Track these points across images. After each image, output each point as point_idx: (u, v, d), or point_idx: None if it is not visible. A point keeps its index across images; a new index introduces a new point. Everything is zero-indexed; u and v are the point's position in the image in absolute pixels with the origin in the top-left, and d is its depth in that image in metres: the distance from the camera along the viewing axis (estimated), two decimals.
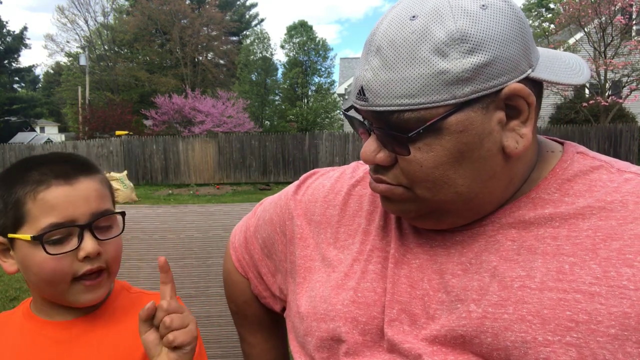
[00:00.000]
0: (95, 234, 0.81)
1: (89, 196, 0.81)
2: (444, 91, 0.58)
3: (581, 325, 0.56)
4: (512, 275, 0.62)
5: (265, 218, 0.95)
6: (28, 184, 0.79)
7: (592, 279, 0.58)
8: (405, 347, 0.66)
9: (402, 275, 0.70)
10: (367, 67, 0.63)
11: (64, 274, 0.79)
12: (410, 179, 0.64)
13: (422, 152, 0.62)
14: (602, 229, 0.61)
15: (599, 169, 0.68)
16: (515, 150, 0.62)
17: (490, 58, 0.58)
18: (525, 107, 0.62)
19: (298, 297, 0.80)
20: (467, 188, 0.63)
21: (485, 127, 0.61)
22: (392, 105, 0.60)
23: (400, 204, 0.69)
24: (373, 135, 0.66)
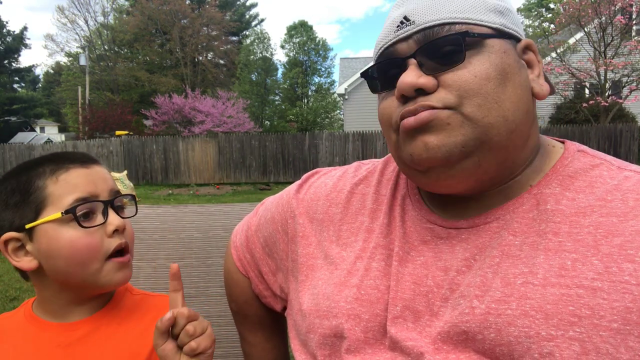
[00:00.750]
0: (119, 212, 0.84)
1: (105, 177, 0.86)
2: (487, 14, 0.67)
3: (584, 320, 0.56)
4: (514, 272, 0.62)
5: (267, 217, 0.95)
6: (46, 172, 0.81)
7: (594, 275, 0.58)
8: (408, 345, 0.66)
9: (406, 273, 0.71)
10: (408, 4, 0.69)
11: (97, 251, 0.79)
12: (461, 93, 0.63)
13: (474, 65, 0.64)
14: (603, 225, 0.61)
15: (599, 166, 0.69)
16: (541, 93, 0.69)
17: (511, 8, 0.70)
18: (536, 62, 0.71)
19: (300, 295, 0.80)
20: (512, 114, 0.65)
21: (519, 61, 0.69)
22: (444, 19, 0.65)
23: (446, 134, 0.64)
24: (411, 65, 0.66)
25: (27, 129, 36.10)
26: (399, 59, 0.68)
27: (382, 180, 0.84)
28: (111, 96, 31.52)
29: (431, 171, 0.67)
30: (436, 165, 0.66)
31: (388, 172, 0.85)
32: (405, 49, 0.68)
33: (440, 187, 0.70)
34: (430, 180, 0.69)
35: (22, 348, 0.80)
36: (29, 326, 0.83)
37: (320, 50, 31.79)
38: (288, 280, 0.88)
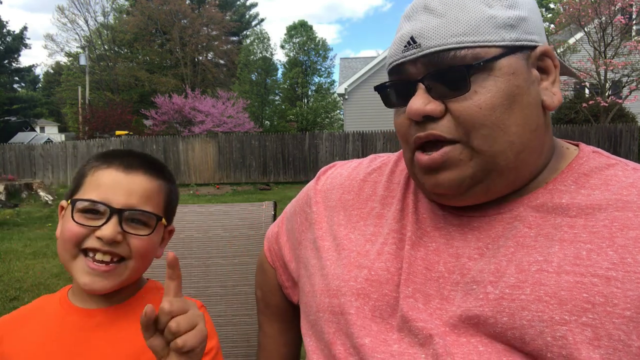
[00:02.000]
0: (124, 224, 0.83)
1: (135, 189, 0.85)
2: (495, 33, 0.64)
3: (597, 307, 0.57)
4: (529, 260, 0.64)
5: (291, 211, 1.00)
6: (97, 162, 0.87)
7: (608, 264, 0.60)
8: (418, 326, 0.67)
9: (419, 257, 0.72)
10: (415, 22, 0.67)
11: (74, 239, 0.82)
12: (467, 125, 0.65)
13: (479, 94, 0.64)
14: (618, 219, 0.63)
15: (614, 166, 0.70)
16: (552, 104, 0.69)
17: (526, 15, 0.67)
18: (553, 69, 0.70)
19: (311, 277, 0.83)
20: (519, 138, 0.66)
21: (529, 76, 0.67)
22: (449, 44, 0.64)
23: (457, 170, 0.67)
24: (420, 90, 0.67)
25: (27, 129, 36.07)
26: (408, 81, 0.69)
27: (396, 171, 0.86)
28: (111, 96, 31.52)
29: (441, 197, 0.73)
30: (446, 194, 0.71)
31: (402, 163, 0.87)
32: (414, 71, 0.68)
33: (451, 204, 0.74)
34: (441, 199, 0.74)
35: (50, 328, 0.85)
36: (59, 308, 0.88)
37: (320, 50, 31.79)
38: (299, 268, 0.91)
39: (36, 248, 6.47)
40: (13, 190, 9.95)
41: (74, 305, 0.88)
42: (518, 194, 0.71)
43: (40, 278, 4.99)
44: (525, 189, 0.71)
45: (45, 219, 8.77)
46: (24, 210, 9.18)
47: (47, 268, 5.41)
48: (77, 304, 0.87)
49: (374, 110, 18.87)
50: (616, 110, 14.41)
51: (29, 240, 6.97)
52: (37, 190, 10.32)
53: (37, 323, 0.87)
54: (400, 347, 0.68)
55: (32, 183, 10.48)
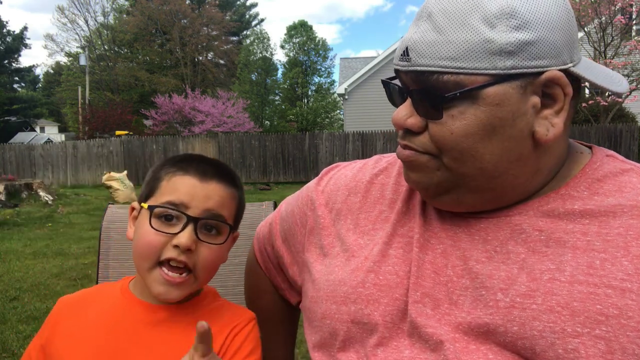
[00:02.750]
0: (199, 232, 0.85)
1: (210, 196, 0.87)
2: (486, 60, 0.60)
3: (611, 320, 0.56)
4: (541, 268, 0.62)
5: (288, 211, 0.97)
6: (173, 168, 0.89)
7: (623, 275, 0.58)
8: (428, 332, 0.66)
9: (427, 261, 0.71)
10: (416, 30, 0.65)
11: (153, 251, 0.84)
12: (438, 145, 0.65)
13: (455, 120, 0.63)
14: (633, 227, 0.61)
15: (629, 171, 0.68)
16: (544, 138, 0.63)
17: (535, 38, 0.60)
18: (561, 97, 0.63)
19: (316, 283, 0.81)
20: (493, 166, 0.64)
21: (520, 107, 0.62)
22: (434, 66, 0.62)
23: (422, 174, 0.69)
24: (408, 101, 0.68)
25: (27, 129, 36.10)
26: (402, 88, 0.70)
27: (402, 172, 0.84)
28: (111, 96, 31.52)
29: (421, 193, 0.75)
30: (420, 192, 0.74)
31: None
32: (406, 80, 0.68)
33: (434, 206, 0.75)
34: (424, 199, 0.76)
35: (112, 315, 0.88)
36: (121, 298, 0.91)
37: (320, 50, 31.79)
38: (302, 272, 0.89)
39: (36, 248, 6.47)
40: (13, 190, 9.94)
41: (136, 297, 0.90)
42: (527, 198, 0.69)
43: (40, 278, 4.99)
44: (535, 193, 0.69)
45: (45, 219, 8.76)
46: (24, 210, 9.18)
47: (47, 268, 5.41)
48: (140, 297, 0.90)
49: (374, 110, 18.87)
50: (616, 110, 14.42)
51: (29, 240, 6.97)
52: (37, 190, 10.32)
53: (98, 308, 0.90)
54: (411, 352, 0.67)
55: (32, 183, 10.47)
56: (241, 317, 0.92)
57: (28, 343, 3.21)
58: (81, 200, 11.27)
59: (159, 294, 0.85)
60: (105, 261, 1.26)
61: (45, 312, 3.92)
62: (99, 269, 1.26)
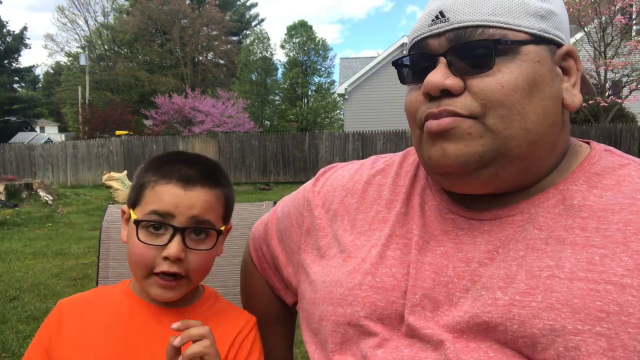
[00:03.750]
0: (187, 240, 0.86)
1: (195, 203, 0.87)
2: (525, 19, 0.64)
3: (612, 316, 0.56)
4: (540, 265, 0.62)
5: (284, 211, 0.97)
6: (156, 175, 0.89)
7: (623, 271, 0.58)
8: (427, 333, 0.65)
9: (426, 262, 0.70)
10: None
11: (145, 264, 0.86)
12: (485, 102, 0.63)
13: (503, 73, 0.63)
14: (633, 222, 0.61)
15: (627, 166, 0.68)
16: (572, 104, 0.67)
17: (556, 10, 0.67)
18: (575, 71, 0.69)
19: (313, 284, 0.81)
20: (536, 126, 0.64)
21: (553, 69, 0.66)
22: (479, 21, 0.63)
23: (464, 144, 0.64)
24: (441, 64, 0.65)
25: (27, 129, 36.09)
26: (429, 55, 0.67)
27: (401, 172, 0.84)
28: (111, 96, 31.52)
29: (447, 175, 0.69)
30: (452, 172, 0.67)
31: (407, 164, 0.85)
32: (437, 45, 0.66)
33: (457, 189, 0.71)
34: (447, 182, 0.71)
35: (118, 315, 0.90)
36: (126, 300, 0.92)
37: (320, 50, 31.80)
38: (298, 273, 0.89)
39: (36, 248, 6.47)
40: (13, 190, 9.95)
41: (140, 299, 0.91)
42: (528, 194, 0.69)
43: (40, 278, 4.99)
44: (536, 188, 0.69)
45: (45, 219, 8.77)
46: (24, 210, 9.18)
47: (47, 268, 5.41)
48: (144, 298, 0.91)
49: (374, 110, 18.88)
50: (616, 110, 14.41)
51: (29, 240, 6.97)
52: (37, 190, 10.32)
53: (103, 309, 0.91)
54: (411, 351, 0.66)
55: (32, 183, 10.48)
56: (245, 321, 0.94)
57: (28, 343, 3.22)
58: (81, 200, 11.27)
59: (156, 295, 0.87)
60: (105, 261, 1.26)
61: (45, 312, 3.92)
62: (99, 269, 1.26)
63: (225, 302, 0.99)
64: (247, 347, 0.90)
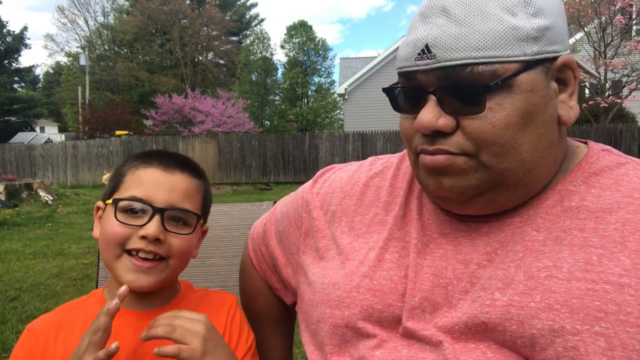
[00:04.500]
0: (166, 224, 0.84)
1: (175, 188, 0.86)
2: (517, 47, 0.60)
3: (610, 316, 0.56)
4: (538, 266, 0.62)
5: (283, 212, 0.97)
6: (136, 162, 0.89)
7: (621, 271, 0.58)
8: (425, 334, 0.66)
9: (425, 265, 0.70)
10: (432, 27, 0.62)
11: (119, 239, 0.83)
12: (478, 142, 0.62)
13: (494, 112, 0.61)
14: (630, 222, 0.61)
15: (625, 165, 0.68)
16: (568, 120, 0.66)
17: (550, 24, 0.62)
18: (572, 80, 0.66)
19: (312, 285, 0.81)
20: (530, 156, 0.63)
21: (547, 92, 0.63)
22: (467, 58, 0.60)
23: (458, 178, 0.64)
24: (431, 102, 0.63)
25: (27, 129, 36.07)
26: (419, 89, 0.65)
27: (398, 175, 0.84)
28: (111, 96, 31.51)
29: (444, 199, 0.70)
30: (450, 198, 0.68)
31: (404, 166, 0.84)
32: (426, 81, 0.64)
33: (455, 211, 0.71)
34: (445, 205, 0.72)
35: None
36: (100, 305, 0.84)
37: (320, 50, 31.79)
38: (297, 274, 0.89)
39: (36, 248, 6.47)
40: (13, 190, 9.94)
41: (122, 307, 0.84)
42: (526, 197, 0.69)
43: (40, 278, 4.99)
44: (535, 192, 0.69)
45: (45, 219, 8.77)
46: (24, 210, 9.18)
47: (47, 268, 5.41)
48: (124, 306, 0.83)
49: (374, 110, 18.86)
50: (616, 110, 14.41)
51: (29, 240, 6.97)
52: (37, 190, 10.32)
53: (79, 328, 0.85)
54: (409, 352, 0.67)
55: (32, 183, 10.47)
56: (228, 302, 0.94)
57: None
58: (81, 200, 11.27)
59: (129, 281, 0.82)
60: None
61: (45, 312, 3.91)
62: (99, 269, 1.26)
63: (202, 290, 0.98)
64: (236, 326, 0.91)
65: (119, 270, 0.84)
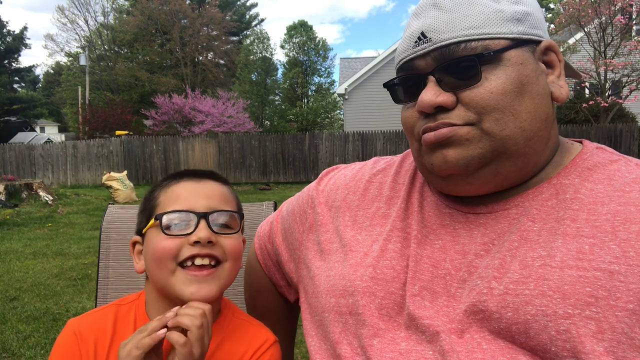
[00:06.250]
0: (212, 225, 0.83)
1: (212, 194, 0.87)
2: (503, 26, 0.68)
3: (600, 301, 0.58)
4: (533, 255, 0.65)
5: (289, 210, 1.00)
6: (164, 183, 0.90)
7: (611, 258, 0.60)
8: (425, 323, 0.68)
9: (425, 256, 0.73)
10: (425, 18, 0.70)
11: (171, 254, 0.81)
12: (479, 110, 0.67)
13: (490, 81, 0.67)
14: (621, 213, 0.64)
15: (617, 161, 0.72)
16: (561, 96, 0.71)
17: (530, 11, 0.70)
18: (557, 63, 0.73)
19: (316, 278, 0.83)
20: (530, 124, 0.68)
21: (537, 67, 0.70)
22: (459, 36, 0.67)
23: (464, 148, 0.68)
24: (431, 83, 0.69)
25: (27, 129, 36.09)
26: (418, 75, 0.71)
27: (401, 171, 0.87)
28: (111, 96, 31.52)
29: (450, 178, 0.73)
30: (455, 174, 0.71)
31: (407, 164, 0.88)
32: (424, 65, 0.70)
33: (459, 191, 0.74)
34: (450, 185, 0.74)
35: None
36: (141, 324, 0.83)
37: (320, 50, 31.80)
38: (299, 269, 0.92)
39: (36, 248, 6.47)
40: (13, 190, 9.94)
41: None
42: (523, 188, 0.72)
43: (40, 278, 5.00)
44: (530, 183, 0.72)
45: (45, 219, 8.77)
46: (24, 210, 9.18)
47: (47, 268, 5.41)
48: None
49: (374, 110, 18.87)
50: (616, 110, 14.41)
51: (29, 240, 6.97)
52: (37, 190, 10.32)
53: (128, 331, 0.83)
54: (408, 344, 0.68)
55: (32, 183, 10.47)
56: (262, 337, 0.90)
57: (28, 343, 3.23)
58: (81, 200, 11.27)
59: (192, 293, 0.80)
60: (105, 261, 1.26)
61: (45, 312, 3.93)
62: (99, 269, 1.26)
63: (241, 317, 0.94)
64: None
65: (177, 285, 0.81)
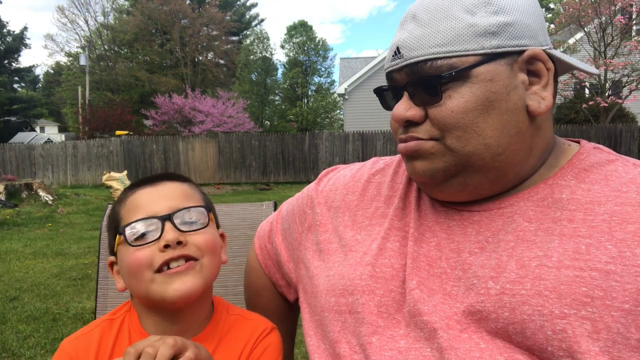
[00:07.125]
0: (178, 225, 0.81)
1: (172, 194, 0.85)
2: (474, 41, 0.66)
3: (596, 301, 0.58)
4: (529, 255, 0.65)
5: (289, 210, 1.01)
6: (121, 197, 0.88)
7: (607, 258, 0.60)
8: (423, 320, 0.68)
9: (421, 254, 0.74)
10: (403, 32, 0.71)
11: (144, 263, 0.79)
12: (442, 127, 0.68)
13: (453, 99, 0.67)
14: (617, 213, 0.64)
15: (614, 162, 0.72)
16: (538, 110, 0.68)
17: (513, 20, 0.67)
18: (545, 72, 0.70)
19: (316, 278, 0.83)
20: (496, 140, 0.67)
21: (511, 82, 0.67)
22: (426, 55, 0.68)
23: (428, 161, 0.71)
24: (405, 96, 0.72)
25: (27, 129, 36.07)
26: (396, 87, 0.74)
27: (399, 171, 0.88)
28: (111, 96, 31.49)
29: (423, 185, 0.77)
30: (425, 182, 0.75)
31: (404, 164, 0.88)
32: (399, 78, 0.73)
33: (436, 196, 0.77)
34: (426, 190, 0.78)
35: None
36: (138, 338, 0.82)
37: (320, 50, 31.80)
38: (298, 269, 0.92)
39: (36, 248, 6.47)
40: (13, 190, 9.94)
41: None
42: (518, 189, 0.72)
43: (40, 278, 5.00)
44: (525, 184, 0.72)
45: (45, 219, 8.77)
46: (24, 210, 9.18)
47: (47, 268, 5.41)
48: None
49: (374, 110, 18.86)
50: (616, 110, 14.42)
51: (29, 240, 6.97)
52: (37, 190, 10.32)
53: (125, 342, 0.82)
54: (407, 342, 0.69)
55: (32, 183, 10.47)
56: (261, 327, 0.89)
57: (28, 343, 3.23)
58: (81, 200, 11.27)
59: (175, 290, 0.78)
60: (105, 261, 1.26)
61: (45, 312, 3.93)
62: (99, 269, 1.26)
63: (237, 313, 0.93)
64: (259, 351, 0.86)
65: (159, 289, 0.79)
